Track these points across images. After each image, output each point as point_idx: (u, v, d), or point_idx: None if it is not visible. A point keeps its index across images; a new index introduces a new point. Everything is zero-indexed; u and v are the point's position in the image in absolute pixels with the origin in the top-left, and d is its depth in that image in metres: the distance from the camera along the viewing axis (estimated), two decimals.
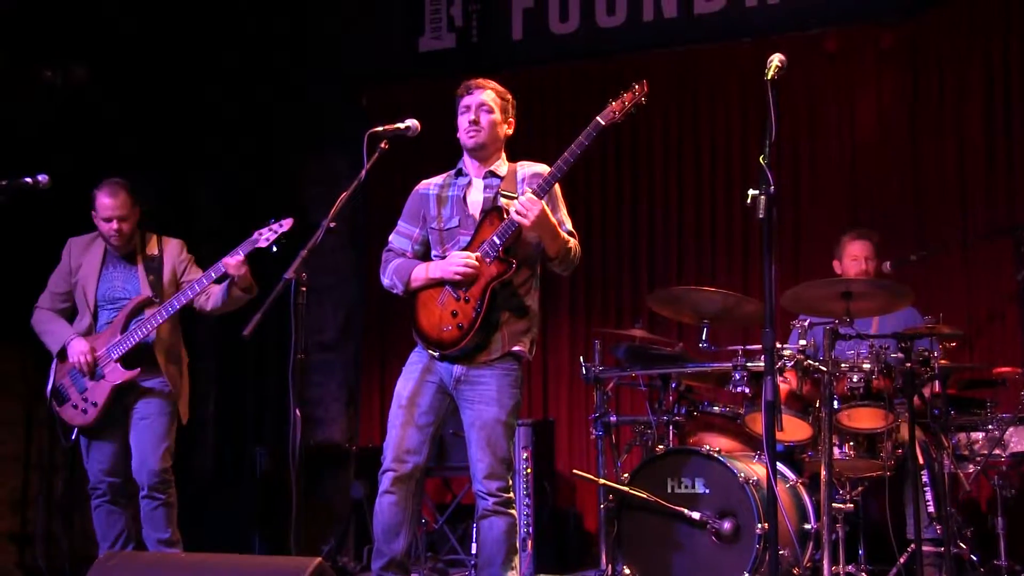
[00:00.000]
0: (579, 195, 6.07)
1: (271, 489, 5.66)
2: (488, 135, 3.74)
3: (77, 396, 4.39)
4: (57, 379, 4.44)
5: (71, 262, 4.55)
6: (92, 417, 4.36)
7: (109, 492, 4.45)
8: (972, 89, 5.68)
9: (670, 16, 6.18)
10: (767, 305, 3.16)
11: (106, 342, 4.38)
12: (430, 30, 6.72)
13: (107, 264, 4.53)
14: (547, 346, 6.31)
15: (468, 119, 3.73)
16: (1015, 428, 4.51)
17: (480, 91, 3.74)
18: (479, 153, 3.77)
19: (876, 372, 4.29)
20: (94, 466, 4.46)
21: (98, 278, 4.49)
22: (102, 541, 4.48)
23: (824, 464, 4.05)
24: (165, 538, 4.42)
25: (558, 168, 3.60)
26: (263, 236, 4.28)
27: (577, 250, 3.73)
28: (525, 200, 3.52)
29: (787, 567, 4.19)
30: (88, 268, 4.51)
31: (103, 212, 4.46)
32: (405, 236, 3.86)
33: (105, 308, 4.48)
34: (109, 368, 4.36)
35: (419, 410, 3.69)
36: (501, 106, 3.77)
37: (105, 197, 4.46)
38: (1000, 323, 5.45)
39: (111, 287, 4.50)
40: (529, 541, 5.26)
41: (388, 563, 3.68)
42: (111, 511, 4.46)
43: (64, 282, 4.55)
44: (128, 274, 4.52)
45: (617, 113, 3.64)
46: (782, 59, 3.28)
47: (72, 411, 4.39)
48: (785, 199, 5.82)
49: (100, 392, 4.36)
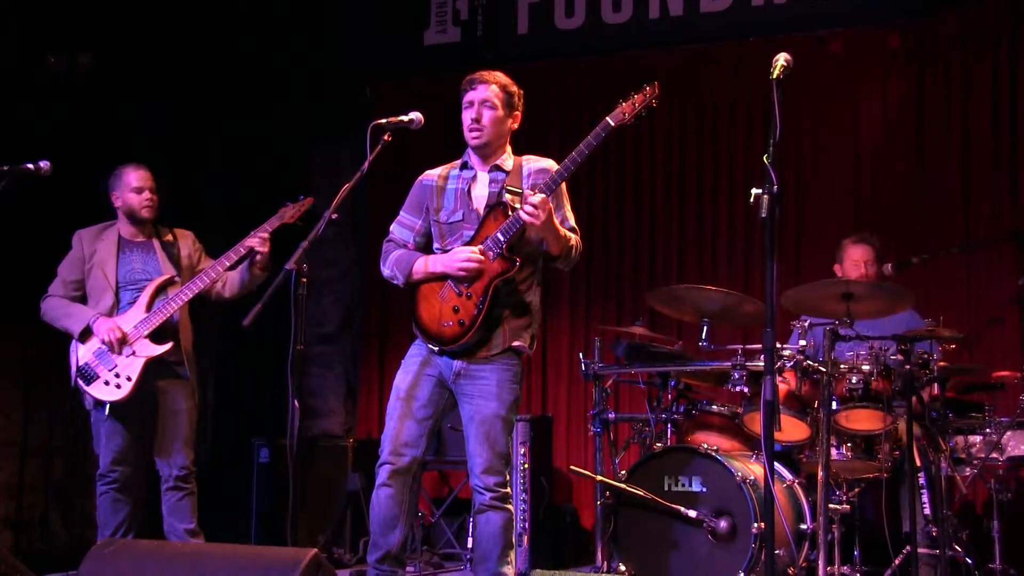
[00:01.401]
0: (582, 191, 6.07)
1: (268, 480, 5.66)
2: (491, 134, 3.70)
3: (107, 373, 4.38)
4: (82, 359, 4.41)
5: (83, 250, 4.56)
6: (127, 392, 4.35)
7: (118, 481, 4.46)
8: (978, 92, 5.68)
9: (676, 14, 6.17)
10: (768, 305, 3.16)
11: (132, 320, 4.41)
12: (435, 23, 6.71)
13: (123, 249, 4.57)
14: (547, 342, 6.32)
15: (471, 116, 3.69)
16: (1013, 432, 4.51)
17: (484, 86, 3.69)
18: (482, 151, 3.75)
19: (875, 374, 4.29)
20: (107, 453, 4.46)
21: (116, 261, 4.52)
22: (103, 528, 4.48)
23: (821, 465, 4.06)
24: (191, 528, 4.46)
25: (565, 167, 3.59)
26: (288, 212, 4.36)
27: (579, 247, 3.72)
28: (538, 200, 3.48)
29: (783, 567, 4.19)
30: (104, 252, 4.53)
31: (134, 183, 4.54)
32: (407, 227, 3.85)
33: (126, 289, 4.50)
34: (139, 344, 4.38)
35: (417, 403, 3.69)
36: (505, 100, 3.71)
37: (132, 171, 4.57)
38: (1000, 327, 5.45)
39: (130, 269, 4.53)
40: (525, 537, 5.26)
41: (384, 556, 3.67)
42: (116, 499, 4.46)
43: (77, 270, 4.55)
44: (146, 256, 4.57)
45: (627, 114, 3.61)
46: (788, 58, 3.27)
47: (104, 388, 4.37)
48: (788, 199, 5.82)
49: (133, 367, 4.37)
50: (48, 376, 5.79)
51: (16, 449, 5.72)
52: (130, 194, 4.54)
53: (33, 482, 5.76)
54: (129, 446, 4.45)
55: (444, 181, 3.81)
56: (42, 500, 5.80)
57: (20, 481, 5.72)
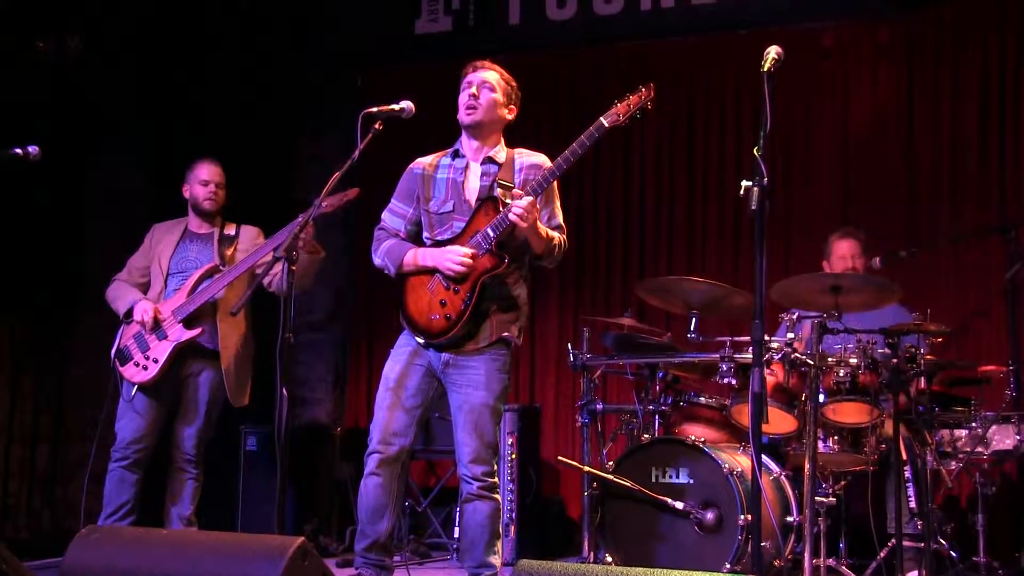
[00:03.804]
0: (571, 182, 6.06)
1: (256, 468, 5.65)
2: (486, 114, 3.70)
3: (140, 355, 4.50)
4: (123, 341, 4.55)
5: (152, 239, 4.76)
6: (152, 373, 4.46)
7: (128, 459, 4.51)
8: (967, 86, 5.69)
9: (667, 6, 6.16)
10: (757, 297, 3.16)
11: (173, 305, 4.53)
12: (427, 13, 6.69)
13: (184, 239, 4.73)
14: (535, 333, 6.31)
15: (468, 94, 3.70)
16: (998, 426, 4.53)
17: (484, 70, 3.73)
18: (476, 131, 3.73)
19: (862, 367, 4.31)
20: (125, 430, 4.52)
21: (174, 250, 4.68)
22: (106, 505, 4.52)
23: (808, 457, 4.07)
24: (188, 514, 4.56)
25: (557, 166, 3.59)
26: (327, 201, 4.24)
27: (563, 245, 3.71)
28: (526, 204, 3.49)
29: (769, 559, 4.20)
30: (166, 243, 4.71)
31: (202, 175, 4.73)
32: (398, 215, 3.84)
33: (175, 276, 4.64)
34: (172, 329, 4.49)
35: (406, 392, 3.69)
36: (504, 89, 3.74)
37: (205, 164, 4.76)
38: (987, 321, 5.48)
39: (184, 258, 4.68)
40: (512, 527, 5.28)
41: (371, 544, 3.68)
42: (124, 477, 4.51)
43: (143, 257, 4.74)
44: (203, 247, 4.71)
45: (621, 115, 3.61)
46: (779, 51, 3.27)
47: (134, 368, 4.50)
48: (777, 191, 5.82)
49: (162, 350, 4.48)
50: (34, 365, 5.77)
51: (2, 436, 5.69)
52: (197, 186, 4.74)
53: (18, 470, 5.74)
54: (148, 427, 4.53)
55: (434, 170, 3.80)
56: (26, 488, 5.79)
57: (5, 468, 5.70)
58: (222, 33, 6.50)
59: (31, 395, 5.78)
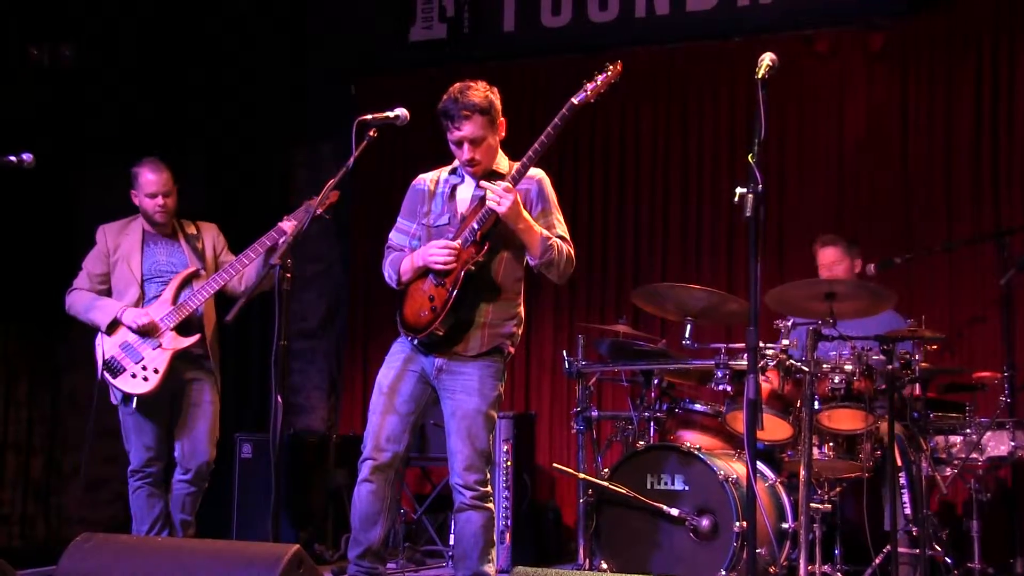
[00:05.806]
0: (566, 189, 6.06)
1: (251, 475, 5.64)
2: (487, 161, 3.70)
3: (134, 366, 4.38)
4: (108, 352, 4.40)
5: (107, 244, 4.57)
6: (155, 384, 4.36)
7: (152, 476, 4.49)
8: (961, 92, 5.70)
9: (662, 13, 6.17)
10: (752, 303, 3.16)
11: (158, 313, 4.41)
12: (421, 20, 6.69)
13: (147, 242, 4.58)
14: (530, 340, 6.31)
15: (464, 157, 3.66)
16: (992, 432, 4.54)
17: (467, 123, 3.60)
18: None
19: (858, 374, 4.30)
20: (140, 448, 4.47)
21: (141, 254, 4.53)
22: (139, 524, 4.49)
23: (803, 464, 4.06)
24: (189, 520, 4.53)
25: (534, 151, 3.59)
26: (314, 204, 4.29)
27: (566, 253, 3.70)
28: (499, 188, 3.51)
29: (764, 565, 4.20)
30: (128, 246, 4.54)
31: (148, 188, 4.52)
32: (404, 232, 3.86)
33: (152, 281, 4.51)
34: (166, 337, 4.39)
35: (400, 399, 3.69)
36: (488, 122, 3.65)
37: (150, 173, 4.54)
38: (981, 328, 5.48)
39: (155, 262, 4.55)
40: (507, 534, 5.27)
41: (365, 552, 3.67)
42: (151, 493, 4.49)
43: (101, 263, 4.56)
44: (171, 249, 4.58)
45: (589, 92, 3.65)
46: (773, 58, 3.28)
47: (131, 380, 4.37)
48: (772, 198, 5.84)
49: (160, 360, 4.38)
50: (28, 373, 5.75)
51: None
52: (145, 198, 4.56)
53: (12, 478, 5.73)
54: (160, 440, 4.49)
55: (435, 185, 3.82)
56: (20, 496, 5.77)
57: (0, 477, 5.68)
58: (217, 42, 6.50)
59: (25, 403, 5.76)
